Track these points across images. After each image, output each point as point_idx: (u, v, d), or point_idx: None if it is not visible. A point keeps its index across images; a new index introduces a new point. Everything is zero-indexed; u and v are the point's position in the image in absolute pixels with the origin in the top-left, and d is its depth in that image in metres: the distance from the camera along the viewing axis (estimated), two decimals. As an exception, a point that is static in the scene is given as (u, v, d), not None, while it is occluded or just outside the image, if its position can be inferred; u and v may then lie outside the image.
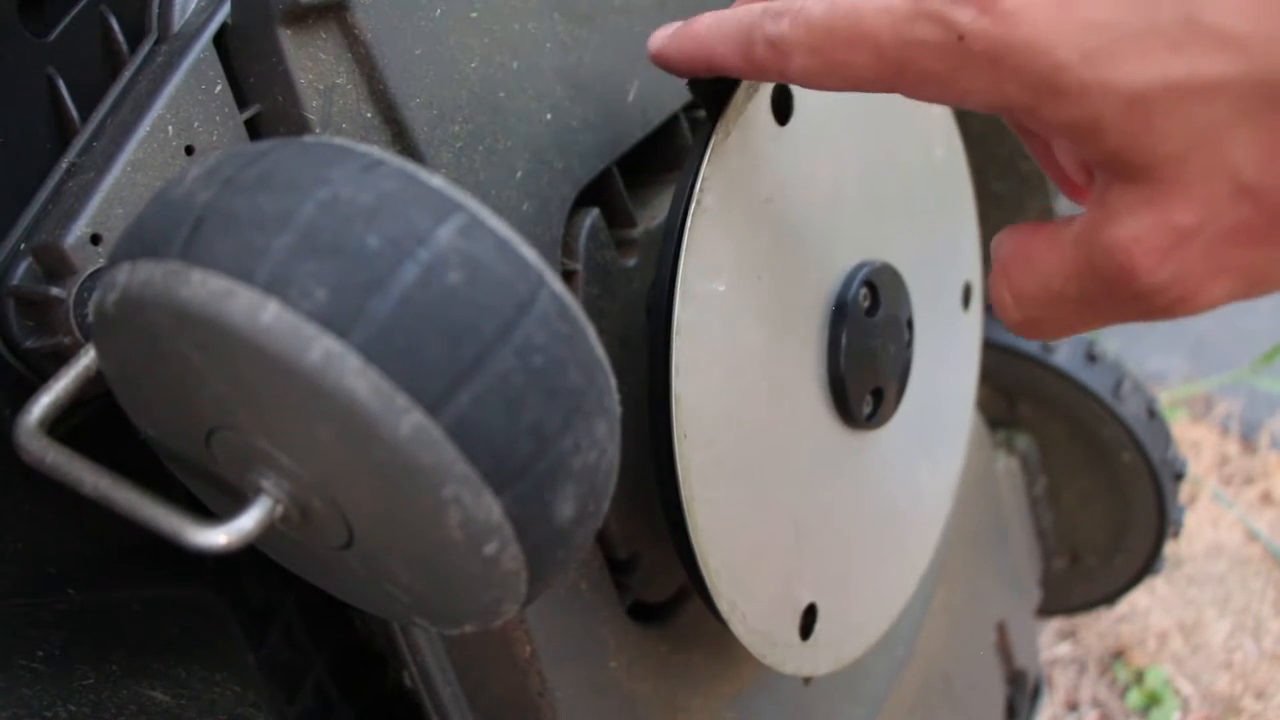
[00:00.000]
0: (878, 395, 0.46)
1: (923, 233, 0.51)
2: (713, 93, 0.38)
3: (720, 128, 0.37)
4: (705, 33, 0.34)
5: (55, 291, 0.31)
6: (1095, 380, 0.85)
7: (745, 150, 0.39)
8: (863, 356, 0.44)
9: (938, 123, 0.52)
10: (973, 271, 0.57)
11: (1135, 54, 0.24)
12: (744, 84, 0.38)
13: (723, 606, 0.40)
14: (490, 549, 0.24)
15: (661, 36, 0.36)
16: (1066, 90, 0.25)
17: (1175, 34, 0.24)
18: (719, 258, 0.38)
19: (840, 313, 0.44)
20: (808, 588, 0.44)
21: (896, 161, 0.48)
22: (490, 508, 0.24)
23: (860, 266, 0.45)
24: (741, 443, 0.40)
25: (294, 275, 0.22)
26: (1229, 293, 0.26)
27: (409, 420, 0.23)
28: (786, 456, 0.42)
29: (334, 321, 0.22)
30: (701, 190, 0.37)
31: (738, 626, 0.40)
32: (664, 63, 0.36)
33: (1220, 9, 0.23)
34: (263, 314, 0.22)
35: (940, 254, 0.53)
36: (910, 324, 0.48)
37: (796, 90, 0.41)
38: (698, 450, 0.38)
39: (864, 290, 0.44)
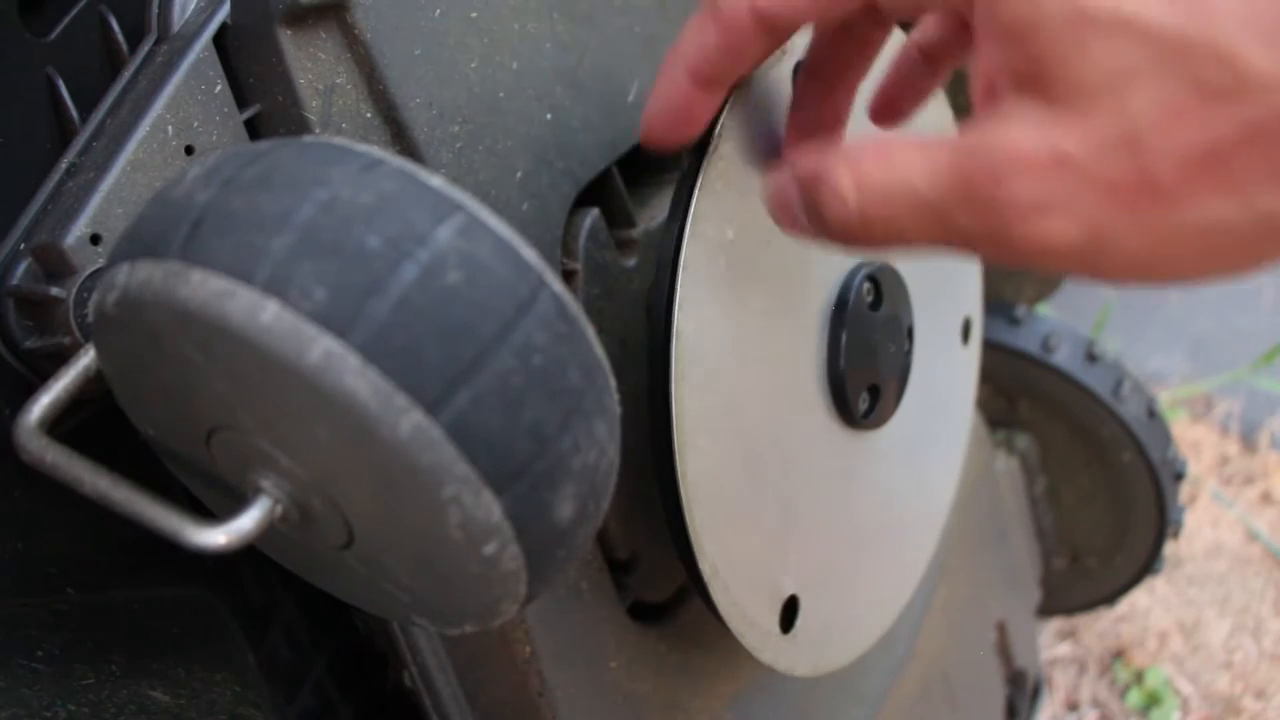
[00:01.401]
0: (874, 392, 0.46)
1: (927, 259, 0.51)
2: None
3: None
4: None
5: (55, 291, 0.31)
6: (1095, 380, 0.85)
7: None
8: (863, 351, 0.44)
9: None
10: (974, 308, 0.57)
11: None
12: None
13: (705, 568, 0.39)
14: (490, 549, 0.24)
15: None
16: None
17: None
18: (729, 212, 0.38)
19: (842, 306, 0.44)
20: (791, 577, 0.44)
21: None
22: (490, 508, 0.24)
23: (863, 264, 0.45)
24: (737, 405, 0.40)
25: (294, 275, 0.22)
26: (1069, 236, 0.26)
27: (409, 420, 0.23)
28: (780, 439, 0.42)
29: (334, 321, 0.22)
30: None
31: (718, 594, 0.40)
32: (654, 124, 0.35)
33: None
34: (262, 314, 0.22)
35: (942, 263, 0.53)
36: (911, 332, 0.48)
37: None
38: (694, 396, 0.37)
39: (867, 285, 0.45)
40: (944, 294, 0.53)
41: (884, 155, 0.29)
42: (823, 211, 0.30)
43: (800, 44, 0.38)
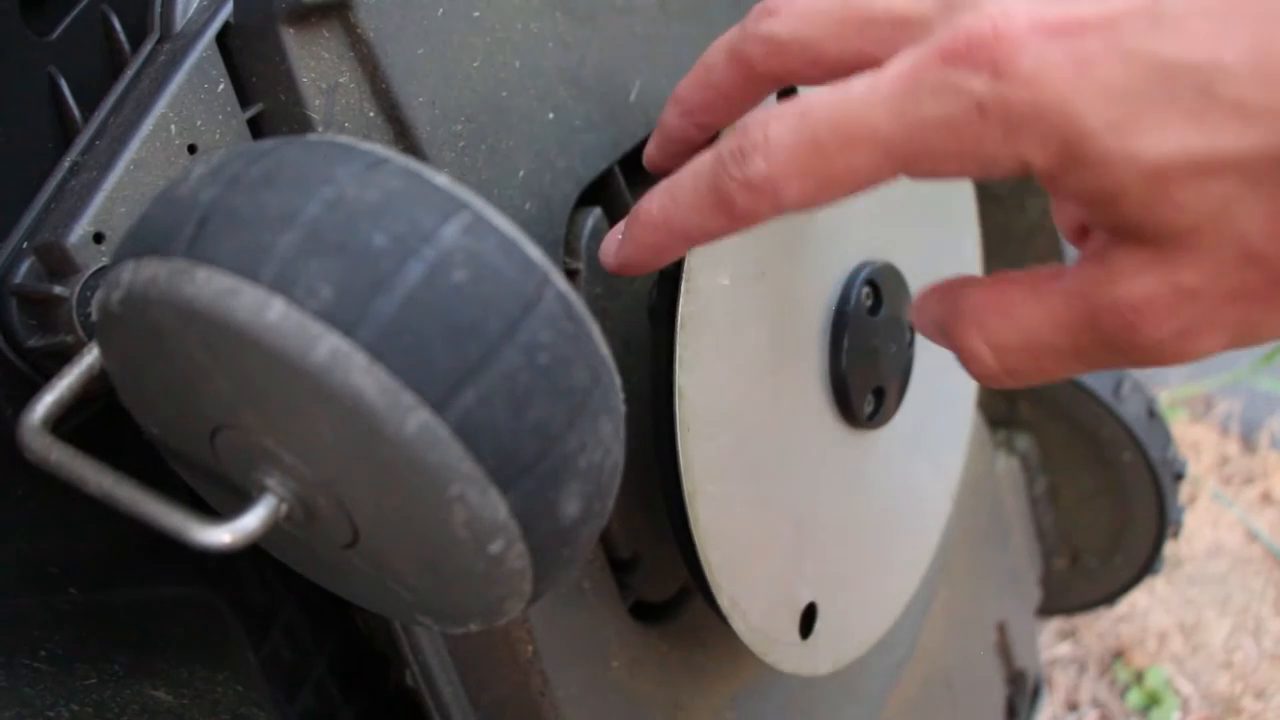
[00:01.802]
0: (879, 395, 0.46)
1: (925, 236, 0.51)
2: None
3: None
4: (662, 216, 0.32)
5: (58, 290, 0.31)
6: (1095, 380, 0.85)
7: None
8: (865, 356, 0.44)
9: None
10: None
11: (1156, 125, 0.24)
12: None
13: (723, 603, 0.40)
14: (495, 547, 0.24)
15: (612, 248, 0.34)
16: (1090, 158, 0.25)
17: (1193, 105, 0.24)
18: (721, 257, 0.38)
19: (842, 312, 0.44)
20: (808, 586, 0.44)
21: None
22: (496, 506, 0.24)
23: (863, 266, 0.45)
24: (743, 441, 0.40)
25: (299, 273, 0.22)
26: (1221, 344, 0.27)
27: (415, 418, 0.23)
28: (788, 455, 0.42)
29: (340, 319, 0.22)
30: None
31: (738, 624, 0.40)
32: (632, 269, 0.34)
33: (1236, 81, 0.24)
34: (268, 312, 0.22)
35: (942, 258, 0.53)
36: (913, 328, 0.48)
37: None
38: (700, 446, 0.38)
39: (866, 290, 0.44)
40: (945, 266, 0.53)
41: (1005, 311, 0.29)
42: (969, 368, 0.30)
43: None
